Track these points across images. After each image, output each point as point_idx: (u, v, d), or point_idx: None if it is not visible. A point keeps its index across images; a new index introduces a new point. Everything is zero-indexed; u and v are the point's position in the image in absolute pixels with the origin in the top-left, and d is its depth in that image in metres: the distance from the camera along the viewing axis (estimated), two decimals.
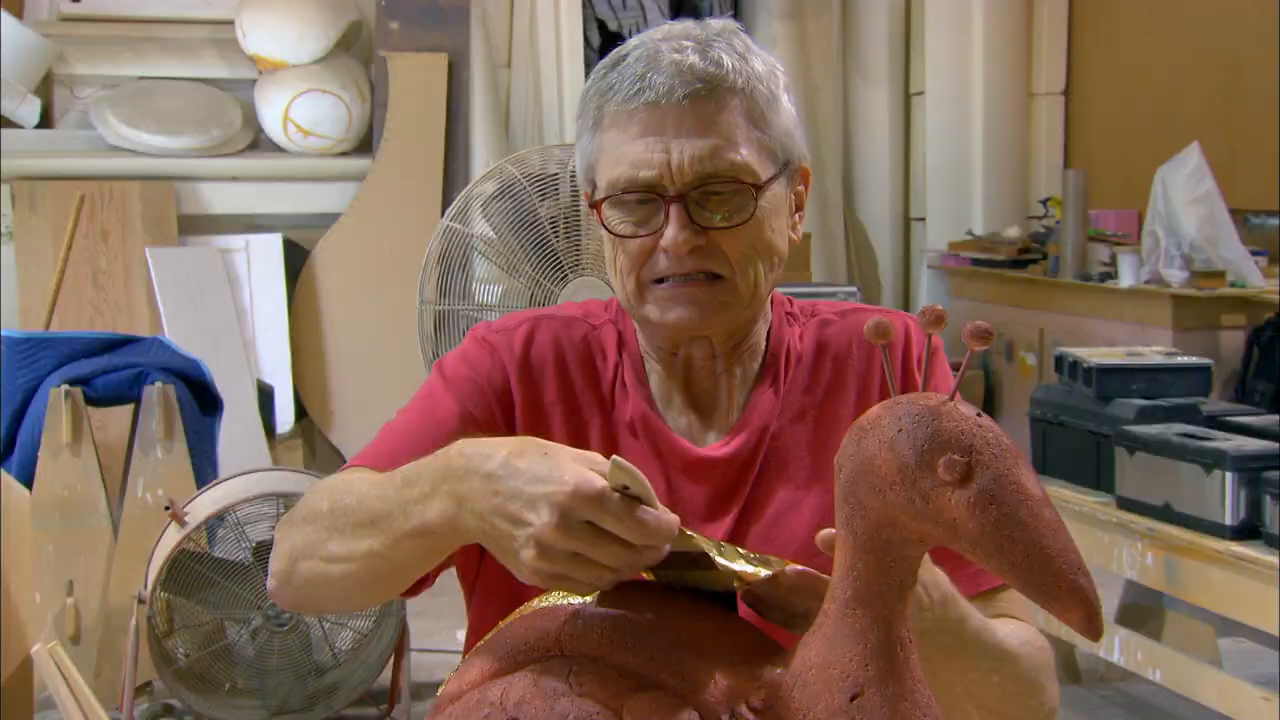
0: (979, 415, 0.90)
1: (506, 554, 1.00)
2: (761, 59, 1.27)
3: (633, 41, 1.28)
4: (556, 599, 1.03)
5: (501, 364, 1.31)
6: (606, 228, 1.26)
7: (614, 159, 1.24)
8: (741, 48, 1.26)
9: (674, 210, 1.22)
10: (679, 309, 1.25)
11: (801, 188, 1.32)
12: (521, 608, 1.05)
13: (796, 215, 1.31)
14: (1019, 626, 1.22)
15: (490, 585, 1.30)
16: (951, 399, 0.90)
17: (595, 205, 1.27)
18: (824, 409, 1.31)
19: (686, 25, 1.27)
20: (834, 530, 1.02)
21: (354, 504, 1.13)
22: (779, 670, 0.96)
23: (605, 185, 1.25)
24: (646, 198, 1.23)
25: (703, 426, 1.32)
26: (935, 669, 1.09)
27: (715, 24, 1.28)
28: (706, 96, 1.22)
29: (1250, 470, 3.09)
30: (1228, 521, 3.10)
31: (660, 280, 1.25)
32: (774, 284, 1.30)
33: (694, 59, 1.23)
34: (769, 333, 1.34)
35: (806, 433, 1.31)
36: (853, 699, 0.92)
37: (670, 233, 1.22)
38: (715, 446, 1.30)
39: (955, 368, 1.29)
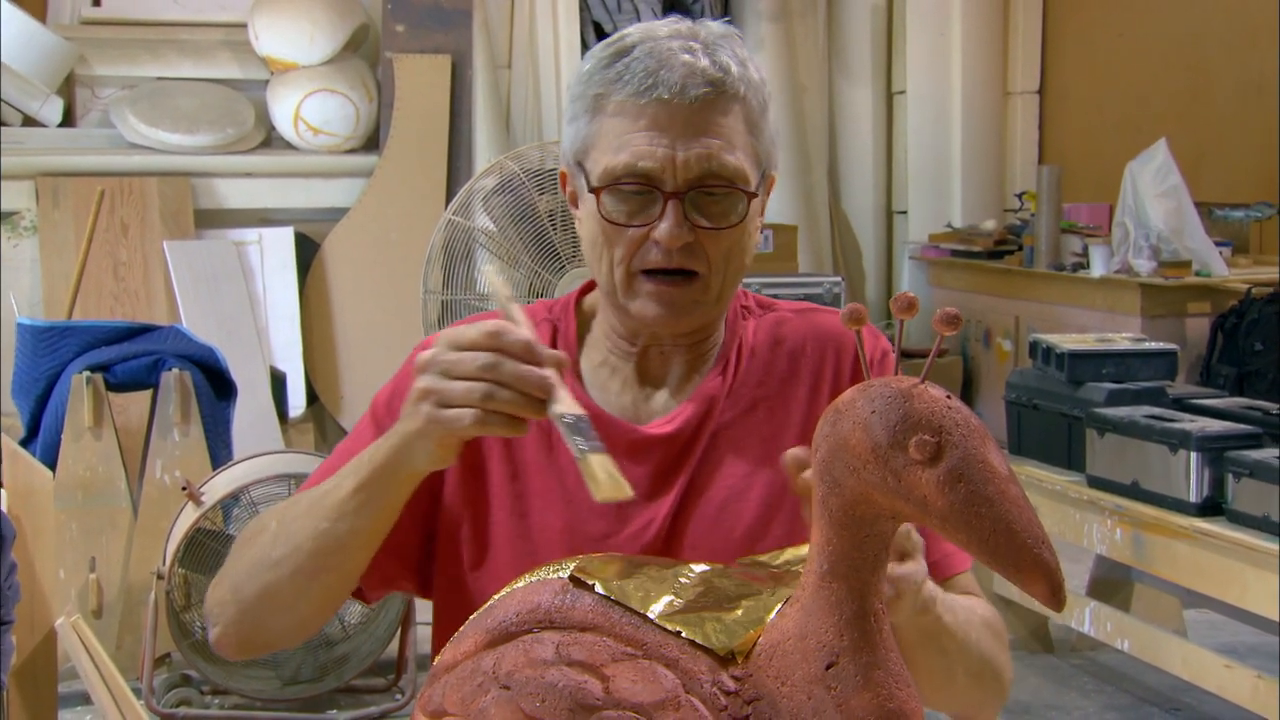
0: (948, 397, 0.90)
1: (411, 415, 1.09)
2: (755, 68, 1.25)
3: (634, 34, 1.25)
4: (546, 573, 1.03)
5: None
6: (601, 214, 1.23)
7: (615, 146, 1.21)
8: (742, 55, 1.24)
9: (671, 206, 1.20)
10: (656, 308, 1.23)
11: (766, 195, 1.30)
12: (514, 581, 1.04)
13: (759, 220, 1.30)
14: (977, 601, 1.25)
15: (447, 601, 1.30)
16: (922, 382, 0.90)
17: (593, 191, 1.24)
18: (775, 401, 1.30)
19: (689, 24, 1.24)
20: (802, 449, 1.03)
21: (297, 503, 1.19)
22: (758, 640, 0.96)
23: (601, 171, 1.23)
24: (642, 189, 1.21)
25: (648, 407, 1.30)
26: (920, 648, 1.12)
27: (715, 27, 1.25)
28: (714, 100, 1.21)
29: (1214, 450, 3.10)
30: (1192, 499, 3.11)
31: (648, 272, 1.23)
32: (738, 285, 1.29)
33: (704, 62, 1.20)
34: (726, 323, 1.33)
35: (757, 423, 1.29)
36: (828, 667, 0.92)
37: (665, 226, 1.20)
38: (657, 424, 1.28)
39: (925, 354, 1.29)
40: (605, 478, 1.06)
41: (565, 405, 1.08)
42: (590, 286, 1.34)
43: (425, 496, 1.24)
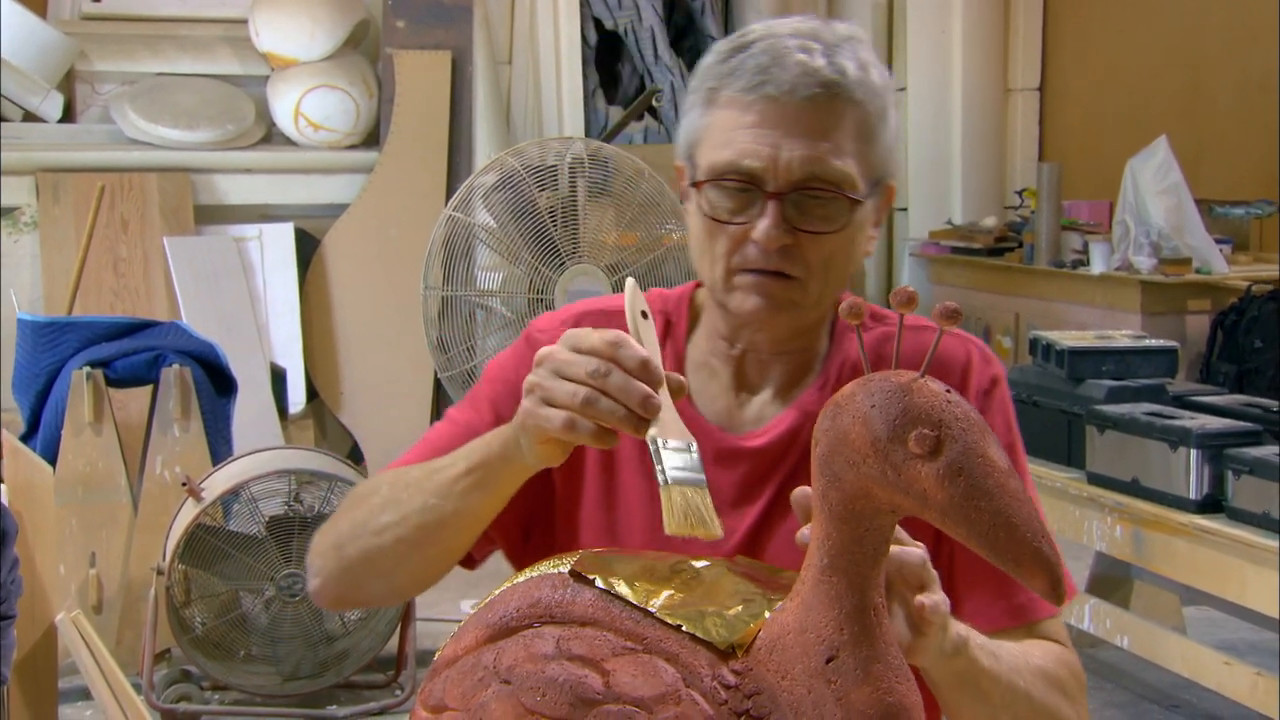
0: (948, 392, 0.90)
1: (520, 408, 1.09)
2: (879, 72, 1.23)
3: (757, 29, 1.22)
4: (547, 568, 1.03)
5: None
6: (702, 210, 1.22)
7: (721, 142, 1.20)
8: (865, 58, 1.21)
9: (771, 206, 1.18)
10: (754, 300, 1.21)
11: (883, 204, 1.27)
12: (514, 575, 1.05)
13: (873, 230, 1.27)
14: (1045, 649, 1.20)
15: (536, 560, 1.29)
16: (922, 376, 0.90)
17: (695, 185, 1.23)
18: None
19: (814, 25, 1.22)
20: (808, 489, 1.02)
21: (409, 472, 1.20)
22: (758, 634, 0.96)
23: (706, 166, 1.21)
24: (745, 187, 1.19)
25: (741, 415, 1.28)
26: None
27: (842, 28, 1.23)
28: (825, 102, 1.18)
29: (1213, 447, 3.10)
30: (1192, 496, 3.11)
31: (746, 270, 1.21)
32: (840, 293, 1.26)
33: (820, 62, 1.18)
34: (831, 336, 1.30)
35: None
36: (828, 661, 0.92)
37: (763, 226, 1.18)
38: (750, 436, 1.26)
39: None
40: (683, 512, 1.05)
41: (668, 430, 1.07)
42: None
43: (532, 485, 1.24)
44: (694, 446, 1.08)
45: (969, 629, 1.07)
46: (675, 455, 1.06)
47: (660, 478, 1.06)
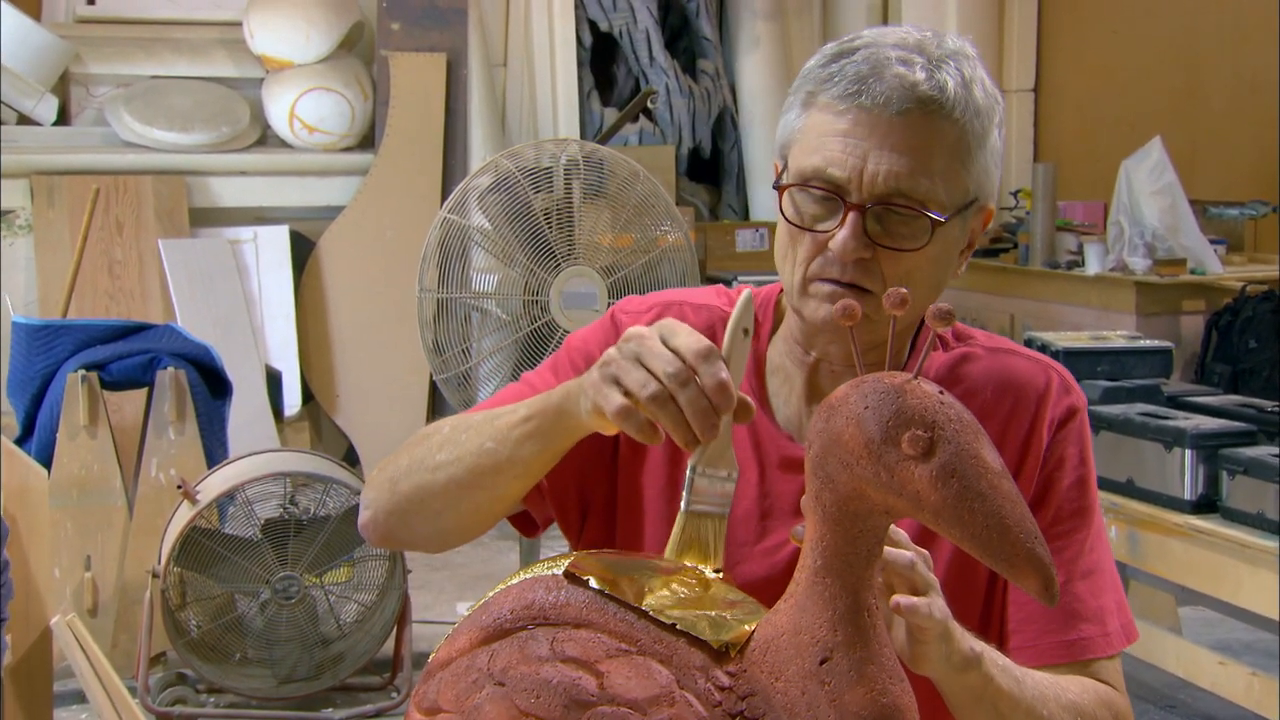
0: (941, 393, 0.90)
1: (590, 371, 1.08)
2: (984, 89, 1.20)
3: (866, 35, 1.21)
4: (541, 570, 1.03)
5: None
6: (783, 213, 1.21)
7: (811, 147, 1.18)
8: (969, 75, 1.19)
9: (851, 218, 1.16)
10: (828, 309, 1.19)
11: (977, 226, 1.24)
12: (508, 577, 1.05)
13: (965, 253, 1.24)
14: (1084, 686, 1.16)
15: (593, 543, 1.30)
16: (915, 378, 0.91)
17: (780, 188, 1.21)
18: None
19: (922, 37, 1.20)
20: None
21: (472, 416, 1.21)
22: (752, 635, 0.96)
23: (795, 170, 1.20)
24: (829, 195, 1.17)
25: (809, 424, 1.27)
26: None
27: (950, 43, 1.21)
28: (920, 118, 1.16)
29: (1208, 448, 3.10)
30: (1187, 496, 3.11)
31: (823, 280, 1.19)
32: (920, 312, 1.22)
33: (919, 76, 1.16)
34: (911, 352, 1.28)
35: None
36: (822, 662, 0.92)
37: (841, 237, 1.16)
38: None
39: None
40: (689, 542, 1.06)
41: (714, 457, 1.06)
42: None
43: (591, 458, 1.25)
44: (734, 475, 1.08)
45: (985, 646, 1.06)
46: (709, 483, 1.07)
47: (682, 504, 1.07)
